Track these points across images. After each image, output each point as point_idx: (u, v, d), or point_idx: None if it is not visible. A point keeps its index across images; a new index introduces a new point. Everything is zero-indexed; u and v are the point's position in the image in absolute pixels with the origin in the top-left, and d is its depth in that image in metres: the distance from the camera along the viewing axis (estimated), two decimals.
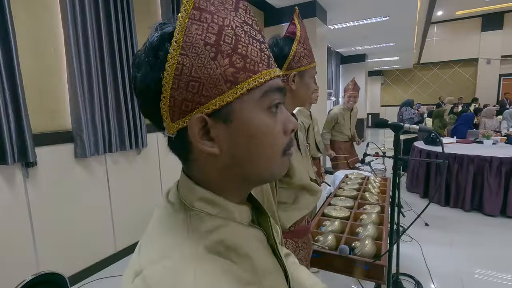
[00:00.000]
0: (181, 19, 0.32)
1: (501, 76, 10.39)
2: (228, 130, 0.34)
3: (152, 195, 2.80)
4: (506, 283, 2.05)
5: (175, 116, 0.33)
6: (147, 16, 2.70)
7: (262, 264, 0.38)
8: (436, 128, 5.57)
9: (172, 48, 0.32)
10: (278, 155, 0.37)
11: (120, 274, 2.27)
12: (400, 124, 1.29)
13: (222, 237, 0.35)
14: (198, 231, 0.34)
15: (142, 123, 2.56)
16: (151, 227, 0.37)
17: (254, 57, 0.34)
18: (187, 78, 0.32)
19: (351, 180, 2.29)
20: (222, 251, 0.34)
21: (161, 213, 0.38)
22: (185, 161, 0.38)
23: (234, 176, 0.37)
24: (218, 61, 0.32)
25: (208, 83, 0.32)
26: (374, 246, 1.25)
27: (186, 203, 0.36)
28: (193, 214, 0.35)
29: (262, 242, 0.42)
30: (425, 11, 7.26)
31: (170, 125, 0.34)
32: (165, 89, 0.32)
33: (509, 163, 3.13)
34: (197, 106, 0.33)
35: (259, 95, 0.35)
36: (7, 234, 1.79)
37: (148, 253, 0.33)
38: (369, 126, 11.91)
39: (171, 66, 0.32)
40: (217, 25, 0.33)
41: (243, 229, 0.39)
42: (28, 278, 1.22)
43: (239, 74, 0.33)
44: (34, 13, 1.89)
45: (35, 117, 1.89)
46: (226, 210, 0.37)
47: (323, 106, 5.08)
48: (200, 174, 0.37)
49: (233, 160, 0.35)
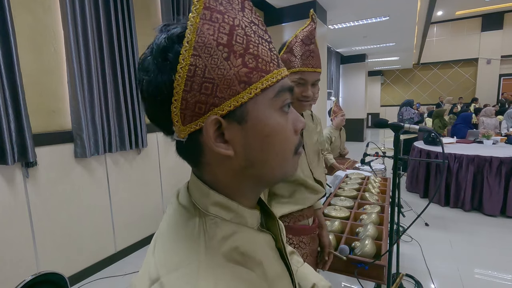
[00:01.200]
0: (192, 19, 0.31)
1: (501, 76, 10.39)
2: (242, 131, 0.34)
3: (152, 195, 2.80)
4: (506, 283, 2.05)
5: (186, 119, 0.32)
6: (147, 16, 2.70)
7: (272, 269, 0.38)
8: (436, 128, 5.57)
9: (184, 49, 0.31)
10: (291, 154, 0.38)
11: (120, 274, 2.28)
12: (400, 124, 1.29)
13: (238, 244, 0.35)
14: (215, 237, 0.34)
15: (142, 123, 2.56)
16: (165, 229, 0.36)
17: (265, 57, 0.34)
18: (200, 80, 0.31)
19: (351, 180, 2.29)
20: (238, 258, 0.34)
21: (175, 216, 0.37)
22: (196, 165, 0.37)
23: (247, 178, 0.37)
24: (231, 61, 0.32)
25: (222, 84, 0.32)
26: (374, 246, 1.25)
27: (201, 208, 0.36)
28: (208, 219, 0.35)
29: (271, 246, 0.42)
30: (425, 11, 7.26)
31: (181, 128, 0.33)
32: (177, 92, 0.31)
33: (509, 163, 3.13)
34: (211, 108, 0.32)
35: (272, 95, 0.35)
36: (7, 234, 1.79)
37: (164, 259, 0.33)
38: (369, 126, 11.91)
39: (183, 68, 0.31)
40: (228, 25, 0.32)
41: (255, 235, 0.39)
42: (28, 278, 1.22)
43: (252, 74, 0.33)
44: (34, 13, 1.89)
45: (35, 117, 1.89)
46: (240, 215, 0.37)
47: (323, 106, 5.08)
48: (212, 178, 0.37)
49: (247, 161, 0.35)
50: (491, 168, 3.20)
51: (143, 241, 2.69)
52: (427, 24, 8.19)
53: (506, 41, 10.08)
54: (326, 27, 4.89)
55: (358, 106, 9.36)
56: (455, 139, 4.29)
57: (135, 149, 2.57)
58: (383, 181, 2.32)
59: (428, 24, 8.22)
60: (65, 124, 2.09)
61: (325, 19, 4.72)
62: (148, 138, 2.67)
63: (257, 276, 0.35)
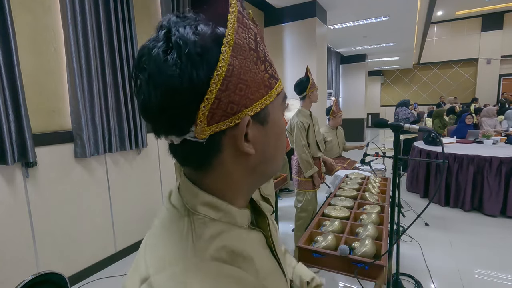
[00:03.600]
0: (231, 20, 0.32)
1: (501, 76, 10.40)
2: (262, 131, 0.36)
3: (152, 195, 2.80)
4: (506, 283, 2.05)
5: (214, 119, 0.32)
6: (147, 16, 2.70)
7: (263, 266, 0.39)
8: (436, 128, 5.57)
9: (224, 48, 0.31)
10: None
11: (120, 274, 2.28)
12: (400, 124, 1.29)
13: (225, 243, 0.35)
14: (202, 237, 0.34)
15: (142, 123, 2.56)
16: (156, 230, 0.37)
17: (274, 66, 0.38)
18: (236, 80, 0.32)
19: (351, 180, 2.29)
20: (226, 257, 0.34)
21: (165, 216, 0.38)
22: (201, 167, 0.36)
23: (256, 174, 0.39)
24: (258, 66, 0.34)
25: (253, 86, 0.34)
26: (374, 246, 1.25)
27: (190, 208, 0.36)
28: (196, 219, 0.35)
29: (262, 244, 0.42)
30: (425, 11, 7.26)
31: (205, 129, 0.32)
32: (211, 90, 0.31)
33: (509, 163, 3.13)
34: (242, 108, 0.33)
35: (281, 100, 0.40)
36: (7, 234, 1.79)
37: (154, 258, 0.33)
38: (369, 126, 11.91)
39: (222, 67, 0.31)
40: (253, 32, 0.35)
41: (245, 233, 0.39)
42: (28, 278, 1.23)
43: (271, 80, 0.36)
44: (34, 13, 1.89)
45: (35, 117, 1.89)
46: (229, 214, 0.38)
47: (323, 106, 5.08)
48: (218, 178, 0.37)
49: (262, 158, 0.38)
50: (491, 168, 3.20)
51: None
52: (427, 24, 8.19)
53: (506, 41, 10.08)
54: (326, 27, 4.89)
55: (358, 106, 9.36)
56: (455, 139, 4.29)
57: (135, 149, 2.57)
58: (383, 181, 2.32)
59: (428, 24, 8.23)
60: (65, 124, 2.09)
61: (325, 19, 4.72)
62: (148, 138, 2.67)
63: (246, 274, 0.35)
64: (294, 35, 4.48)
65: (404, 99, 5.37)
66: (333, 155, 3.50)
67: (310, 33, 4.35)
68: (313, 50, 4.38)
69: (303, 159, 2.30)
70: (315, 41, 4.32)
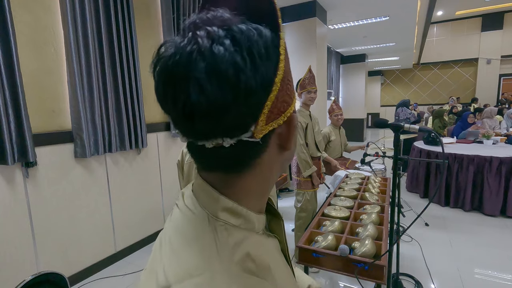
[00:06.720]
0: (279, 19, 0.34)
1: (501, 76, 10.40)
2: (290, 127, 0.37)
3: (152, 195, 2.80)
4: (506, 283, 2.05)
5: (270, 118, 0.32)
6: (147, 16, 2.70)
7: (281, 275, 0.38)
8: (436, 128, 5.57)
9: (281, 48, 0.32)
10: None
11: (120, 274, 2.28)
12: (400, 124, 1.29)
13: (249, 250, 0.34)
14: (227, 245, 0.33)
15: (142, 123, 2.56)
16: (173, 234, 0.36)
17: None
18: (286, 80, 0.34)
19: (351, 180, 2.29)
20: (251, 267, 0.33)
21: (182, 221, 0.36)
22: (238, 168, 0.35)
23: (280, 170, 0.41)
24: (289, 68, 0.36)
25: (292, 85, 0.36)
26: (374, 246, 1.25)
27: (209, 213, 0.35)
28: (218, 225, 0.34)
29: (278, 250, 0.42)
30: (425, 11, 7.26)
31: (264, 128, 0.32)
32: (274, 89, 0.31)
33: (509, 163, 3.13)
34: (288, 107, 0.35)
35: None
36: (7, 234, 1.79)
37: (174, 266, 0.32)
38: (369, 126, 11.92)
39: (281, 67, 0.32)
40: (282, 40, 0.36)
41: (263, 240, 0.38)
42: (28, 278, 1.23)
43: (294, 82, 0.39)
44: (34, 13, 1.89)
45: (35, 117, 1.89)
46: (248, 220, 0.37)
47: (323, 106, 5.08)
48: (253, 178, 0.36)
49: (289, 153, 0.39)
50: (491, 168, 3.20)
51: (143, 241, 2.69)
52: (427, 24, 8.19)
53: (506, 41, 10.08)
54: (326, 27, 4.89)
55: (358, 106, 9.36)
56: (455, 139, 4.29)
57: (135, 149, 2.57)
58: (383, 181, 2.32)
59: (428, 24, 8.23)
60: (65, 124, 2.09)
61: (325, 19, 4.72)
62: (148, 138, 2.67)
63: (270, 285, 0.34)
64: (294, 35, 4.49)
65: (404, 100, 5.37)
66: (335, 155, 3.50)
67: (310, 33, 4.35)
68: (313, 50, 4.38)
69: (301, 159, 2.30)
70: (315, 41, 4.33)
